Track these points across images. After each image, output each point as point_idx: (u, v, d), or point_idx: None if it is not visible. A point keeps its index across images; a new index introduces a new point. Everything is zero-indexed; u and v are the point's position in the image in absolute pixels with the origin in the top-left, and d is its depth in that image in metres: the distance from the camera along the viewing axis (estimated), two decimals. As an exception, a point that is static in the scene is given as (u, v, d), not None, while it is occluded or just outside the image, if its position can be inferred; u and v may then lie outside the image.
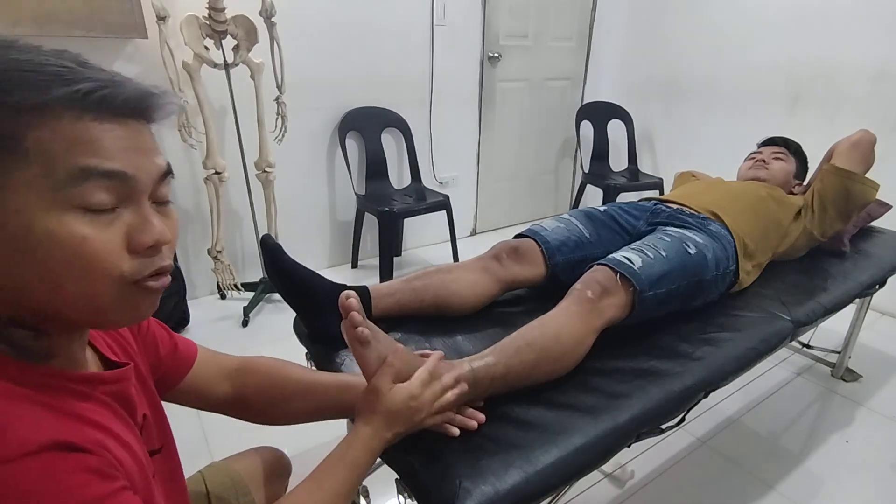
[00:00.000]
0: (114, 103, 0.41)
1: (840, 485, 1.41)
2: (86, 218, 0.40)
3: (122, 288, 0.42)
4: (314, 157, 2.48)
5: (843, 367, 1.87)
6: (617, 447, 0.84)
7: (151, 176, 0.44)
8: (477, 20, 2.77)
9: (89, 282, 0.41)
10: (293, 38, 2.14)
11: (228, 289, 2.15)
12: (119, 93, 0.41)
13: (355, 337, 0.70)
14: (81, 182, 0.39)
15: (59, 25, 1.61)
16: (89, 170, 0.39)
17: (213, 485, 0.76)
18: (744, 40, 2.67)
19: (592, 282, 1.02)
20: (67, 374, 0.44)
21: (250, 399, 0.74)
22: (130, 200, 0.42)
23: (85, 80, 0.39)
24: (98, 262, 0.40)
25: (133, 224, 0.42)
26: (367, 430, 0.68)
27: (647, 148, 3.28)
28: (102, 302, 0.42)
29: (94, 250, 0.40)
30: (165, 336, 0.68)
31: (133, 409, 0.52)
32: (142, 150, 0.43)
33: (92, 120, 0.40)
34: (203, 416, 1.56)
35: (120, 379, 0.50)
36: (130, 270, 0.42)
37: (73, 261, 0.39)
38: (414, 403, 0.71)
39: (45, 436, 0.37)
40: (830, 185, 1.47)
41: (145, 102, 0.44)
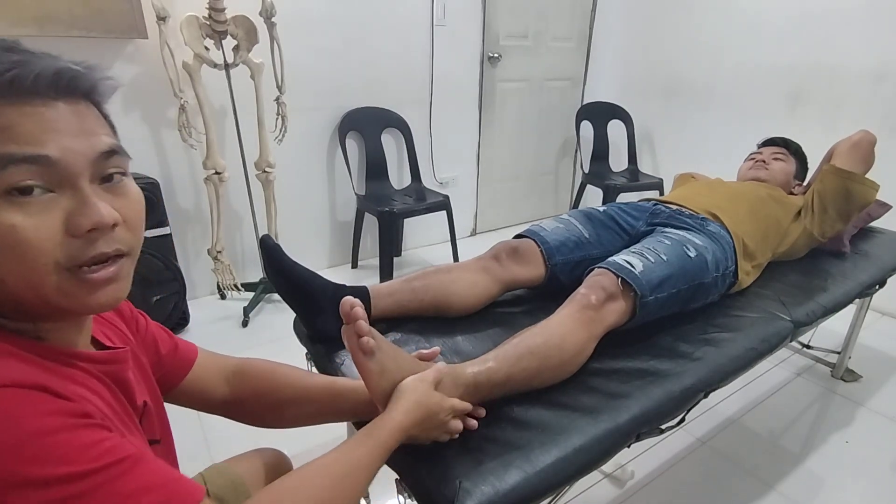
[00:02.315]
0: (24, 84, 0.39)
1: (840, 485, 1.41)
2: (14, 206, 0.39)
3: (60, 275, 0.41)
4: (314, 157, 2.48)
5: (843, 367, 1.87)
6: (617, 447, 0.84)
7: (86, 156, 0.42)
8: (477, 20, 2.77)
9: (28, 272, 0.40)
10: (293, 38, 2.14)
11: (228, 289, 2.15)
12: (28, 72, 0.39)
13: (360, 347, 0.69)
14: (1, 169, 0.38)
15: (59, 26, 1.61)
16: (8, 156, 0.38)
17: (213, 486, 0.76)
18: (744, 40, 2.67)
19: (597, 287, 1.01)
20: (56, 348, 0.45)
21: (246, 402, 0.74)
22: (66, 184, 0.41)
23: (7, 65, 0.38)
24: (31, 249, 0.39)
25: (71, 208, 0.41)
26: (402, 417, 0.67)
27: (647, 148, 3.28)
28: (44, 291, 0.41)
29: (25, 238, 0.39)
30: (165, 337, 0.68)
31: (131, 394, 0.52)
32: (72, 131, 0.41)
33: (5, 104, 0.39)
34: (203, 417, 1.56)
35: (113, 360, 0.50)
36: (67, 257, 0.41)
37: (6, 250, 0.39)
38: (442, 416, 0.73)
39: (23, 377, 0.38)
40: (830, 186, 1.47)
41: (64, 79, 0.41)
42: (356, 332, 0.68)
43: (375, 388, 0.71)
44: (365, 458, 0.61)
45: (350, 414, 0.82)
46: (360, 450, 0.62)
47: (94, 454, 0.38)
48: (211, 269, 2.15)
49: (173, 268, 1.98)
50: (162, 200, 1.92)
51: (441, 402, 0.73)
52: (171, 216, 2.07)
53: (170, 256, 1.97)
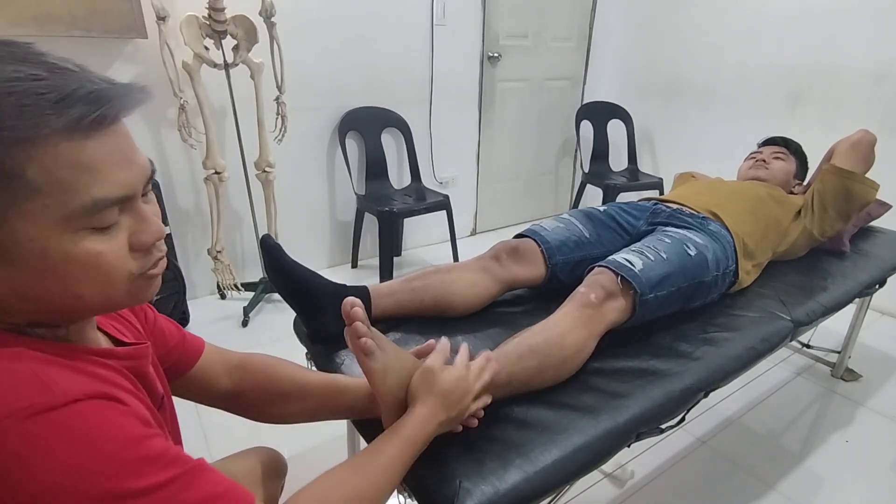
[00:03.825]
0: (105, 122, 0.41)
1: (840, 485, 1.41)
2: (97, 235, 0.42)
3: (132, 282, 0.45)
4: (314, 157, 2.48)
5: (843, 366, 1.87)
6: (617, 447, 0.84)
7: (142, 181, 0.45)
8: (477, 20, 2.77)
9: (106, 287, 0.44)
10: (293, 38, 2.14)
11: (228, 289, 2.15)
12: (109, 113, 0.41)
13: (360, 348, 0.69)
14: (95, 213, 0.41)
15: (59, 25, 1.61)
16: (102, 202, 0.41)
17: None
18: (744, 40, 2.67)
19: (596, 285, 1.01)
20: (90, 348, 0.48)
21: (247, 396, 0.75)
22: (128, 207, 0.44)
23: (76, 101, 0.39)
24: (112, 270, 0.43)
25: (133, 227, 0.45)
26: (423, 410, 0.69)
27: (647, 148, 3.28)
28: (116, 298, 0.45)
29: (108, 262, 0.43)
30: (174, 329, 0.69)
31: (153, 388, 0.54)
32: (128, 157, 0.43)
33: (85, 139, 0.40)
34: (203, 417, 1.56)
35: (135, 355, 0.52)
36: (138, 268, 0.46)
37: (91, 274, 0.42)
38: (464, 384, 0.73)
39: (87, 388, 0.40)
40: (830, 185, 1.47)
41: (131, 104, 0.43)
42: (356, 332, 0.68)
43: (380, 386, 0.71)
44: (395, 455, 0.64)
45: (349, 411, 0.82)
46: (388, 447, 0.64)
47: (164, 464, 0.41)
48: (211, 269, 2.15)
49: (173, 268, 1.98)
50: (162, 200, 1.92)
51: (455, 377, 0.73)
52: (171, 216, 2.07)
53: (170, 256, 1.97)
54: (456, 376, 0.73)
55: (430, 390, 0.71)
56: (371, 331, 0.70)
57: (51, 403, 0.37)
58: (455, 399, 0.72)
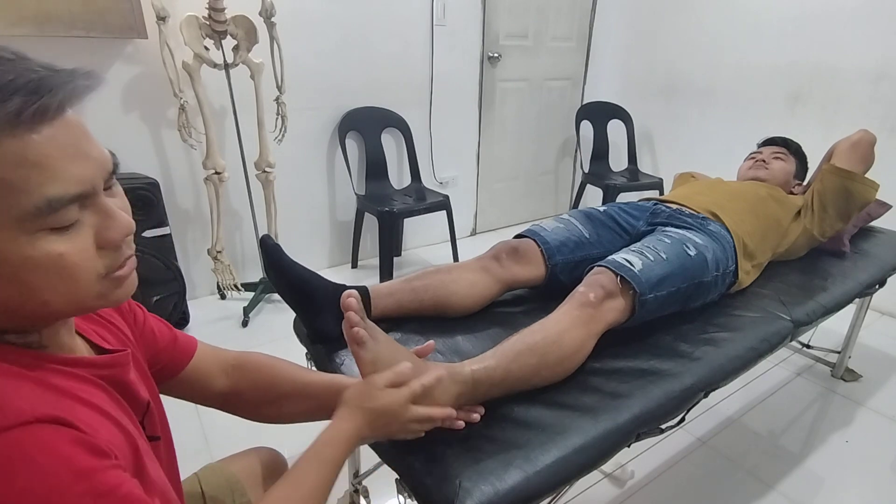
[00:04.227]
0: (48, 112, 0.38)
1: (840, 485, 1.41)
2: (56, 236, 0.39)
3: (100, 283, 0.43)
4: (314, 157, 2.48)
5: (843, 367, 1.87)
6: (617, 447, 0.84)
7: (102, 175, 0.42)
8: (477, 20, 2.77)
9: (73, 289, 0.41)
10: (293, 38, 2.14)
11: (228, 289, 2.15)
12: (52, 102, 0.38)
13: (351, 337, 0.71)
14: (50, 213, 0.38)
15: (59, 26, 1.61)
16: (56, 200, 0.38)
17: (208, 486, 0.76)
18: (744, 40, 2.67)
19: (595, 285, 1.01)
20: (61, 357, 0.45)
21: (244, 395, 0.74)
22: (90, 203, 0.42)
23: (12, 93, 0.36)
24: (78, 271, 0.41)
25: (98, 224, 0.42)
26: (348, 426, 0.66)
27: (647, 148, 3.28)
28: (85, 300, 0.43)
29: (72, 263, 0.40)
30: (164, 329, 0.68)
31: (133, 395, 0.52)
32: (82, 150, 0.40)
33: (29, 133, 0.37)
34: (203, 416, 1.56)
35: (113, 364, 0.50)
36: (106, 267, 0.43)
37: (55, 277, 0.40)
38: (400, 412, 0.69)
39: (40, 410, 0.38)
40: (830, 185, 1.47)
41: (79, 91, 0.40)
42: (348, 322, 0.70)
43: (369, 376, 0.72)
44: (319, 479, 0.62)
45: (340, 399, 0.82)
46: (311, 472, 0.62)
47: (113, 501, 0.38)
48: (211, 269, 2.15)
49: (173, 268, 1.98)
50: (162, 200, 1.92)
51: (391, 401, 0.69)
52: (171, 216, 2.07)
53: (170, 256, 1.97)
54: (393, 401, 0.68)
55: (361, 404, 0.67)
56: (365, 321, 0.72)
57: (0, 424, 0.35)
58: (383, 421, 0.68)
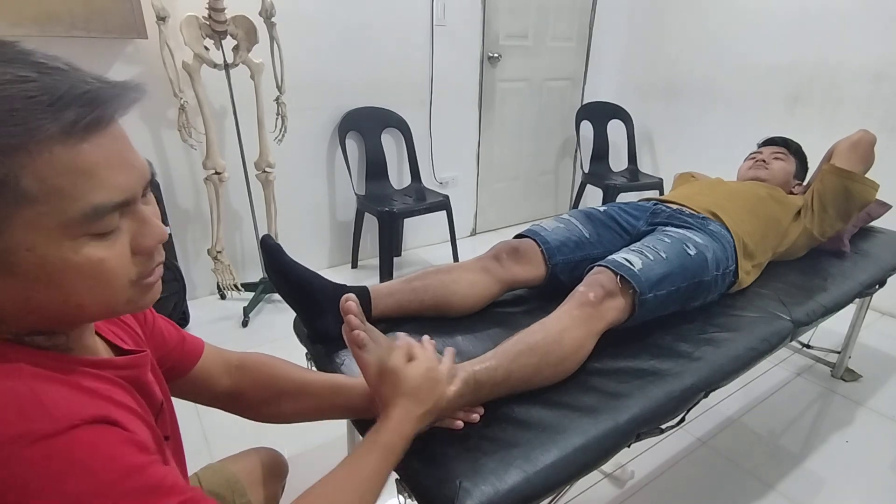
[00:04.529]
0: (101, 123, 0.39)
1: (840, 485, 1.41)
2: (98, 242, 0.41)
3: (132, 288, 0.45)
4: (314, 157, 2.48)
5: (843, 367, 1.87)
6: (617, 447, 0.84)
7: (142, 184, 0.44)
8: (477, 20, 2.77)
9: (107, 294, 0.43)
10: (293, 38, 2.14)
11: (228, 289, 2.15)
12: (105, 114, 0.39)
13: (353, 340, 0.70)
14: (95, 220, 0.40)
15: (59, 26, 1.61)
16: (102, 207, 0.40)
17: (208, 486, 0.76)
18: (744, 40, 2.67)
19: (595, 284, 1.01)
20: (87, 359, 0.47)
21: (246, 395, 0.75)
22: (128, 210, 0.43)
23: (69, 103, 0.37)
24: (114, 277, 0.42)
25: (134, 231, 0.44)
26: (398, 412, 0.67)
27: (647, 148, 3.28)
28: (116, 305, 0.45)
29: (110, 268, 0.42)
30: (172, 330, 0.69)
31: (151, 395, 0.53)
32: (127, 159, 0.42)
33: (81, 143, 0.38)
34: (203, 416, 1.56)
35: (134, 364, 0.52)
36: (138, 273, 0.45)
37: (93, 282, 0.41)
38: (433, 374, 0.71)
39: (86, 411, 0.39)
40: (830, 186, 1.47)
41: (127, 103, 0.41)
42: (349, 325, 0.70)
43: (371, 379, 0.72)
44: (376, 466, 0.63)
45: (348, 411, 0.82)
46: (368, 459, 0.63)
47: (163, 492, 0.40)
48: (211, 269, 2.15)
49: (173, 268, 1.98)
50: (162, 200, 1.92)
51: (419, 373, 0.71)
52: (171, 216, 2.07)
53: (170, 256, 1.97)
54: (422, 369, 0.71)
55: (396, 391, 0.69)
56: (365, 324, 0.72)
57: (51, 430, 0.36)
58: (426, 392, 0.70)
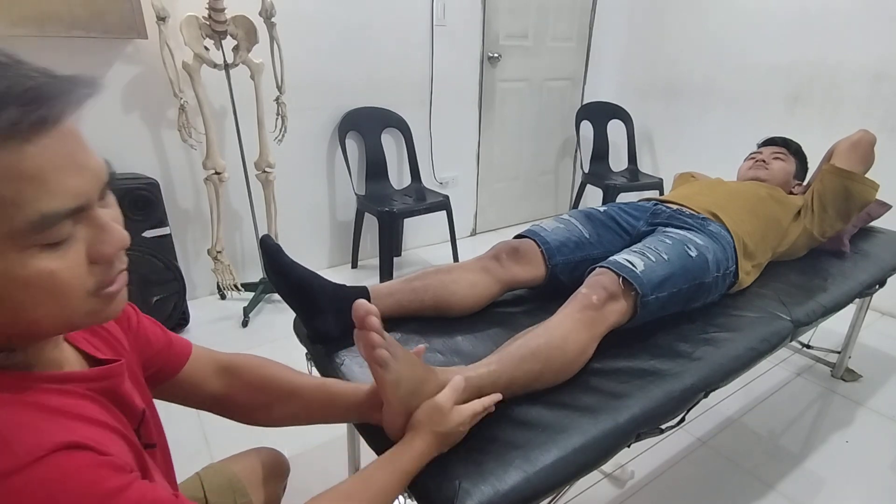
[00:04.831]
0: (46, 123, 0.35)
1: (840, 485, 1.41)
2: (48, 252, 0.37)
3: (91, 299, 0.41)
4: (314, 157, 2.48)
5: (843, 367, 1.87)
6: (617, 447, 0.84)
7: (97, 187, 0.40)
8: (477, 20, 2.77)
9: (63, 308, 0.39)
10: (293, 38, 2.14)
11: (228, 289, 2.15)
12: (51, 113, 0.35)
13: (375, 359, 0.67)
14: (44, 229, 0.36)
15: (59, 26, 1.61)
16: (51, 216, 0.36)
17: (210, 486, 0.76)
18: (744, 40, 2.67)
19: (598, 286, 1.01)
20: (51, 375, 0.43)
21: (236, 399, 0.73)
22: (83, 216, 0.39)
23: (9, 102, 0.33)
24: (69, 289, 0.39)
25: (91, 238, 0.40)
26: (422, 445, 0.69)
27: (647, 148, 3.28)
28: (74, 319, 0.41)
29: (62, 280, 0.38)
30: (159, 332, 0.66)
31: (129, 405, 0.51)
32: (79, 161, 0.38)
33: (24, 144, 0.34)
34: (203, 417, 1.56)
35: (107, 375, 0.49)
36: (97, 283, 0.41)
37: (46, 296, 0.38)
38: (462, 428, 0.74)
39: (50, 439, 0.36)
40: (830, 186, 1.47)
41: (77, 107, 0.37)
42: (371, 342, 0.66)
43: (392, 396, 0.71)
44: (388, 485, 0.63)
45: (342, 418, 0.81)
46: (384, 477, 0.64)
47: None
48: (211, 269, 2.15)
49: (173, 268, 1.98)
50: (162, 200, 1.92)
51: (459, 421, 0.73)
52: (171, 216, 2.07)
53: (170, 256, 1.97)
54: (460, 421, 0.73)
55: (433, 428, 0.71)
56: (386, 340, 0.68)
57: (13, 465, 0.34)
58: (451, 441, 0.74)
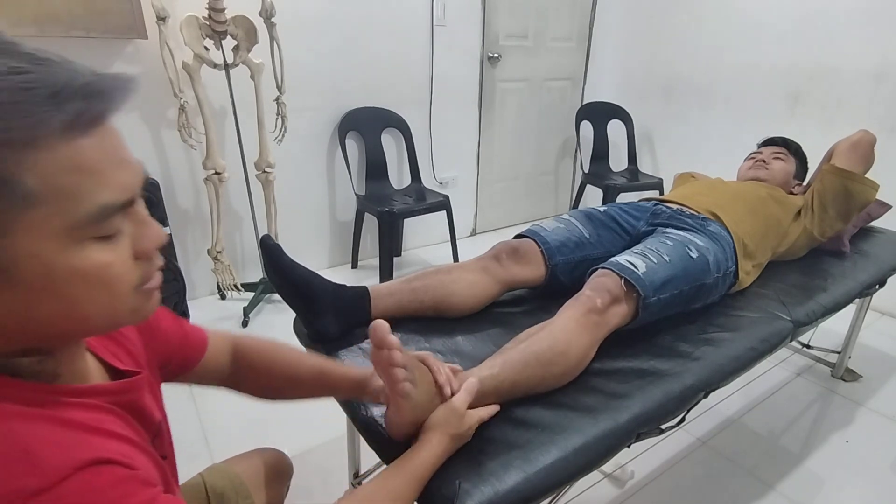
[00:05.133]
0: (101, 118, 0.37)
1: (840, 485, 1.41)
2: (102, 245, 0.38)
3: (135, 295, 0.42)
4: (314, 157, 2.48)
5: (843, 367, 1.87)
6: (617, 447, 0.84)
7: (139, 183, 0.41)
8: (477, 20, 2.77)
9: (113, 302, 0.40)
10: (293, 38, 2.14)
11: (228, 289, 2.15)
12: (107, 107, 0.37)
13: (398, 391, 0.68)
14: (101, 221, 0.37)
15: (59, 26, 1.61)
16: (108, 208, 0.37)
17: (213, 487, 0.76)
18: (744, 40, 2.67)
19: (603, 290, 1.00)
20: (75, 388, 0.43)
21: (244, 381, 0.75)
22: (129, 212, 0.41)
23: (71, 96, 0.35)
24: (120, 282, 0.40)
25: (135, 233, 0.41)
26: (439, 448, 0.71)
27: (647, 148, 3.28)
28: (120, 315, 0.42)
29: (116, 273, 0.39)
30: (174, 325, 0.66)
31: (148, 417, 0.51)
32: (123, 156, 0.39)
33: (83, 138, 0.36)
34: (203, 417, 1.56)
35: (130, 389, 0.49)
36: (140, 278, 0.42)
37: (100, 290, 0.39)
38: (472, 431, 0.77)
39: (78, 455, 0.36)
40: (830, 186, 1.47)
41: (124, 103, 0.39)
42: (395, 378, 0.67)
43: (405, 419, 0.72)
44: (405, 492, 0.65)
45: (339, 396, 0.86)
46: (400, 483, 0.65)
47: None
48: (211, 269, 2.15)
49: (173, 268, 1.98)
50: (162, 200, 1.92)
51: (470, 424, 0.75)
52: (171, 216, 2.07)
53: (170, 256, 1.98)
54: (472, 423, 0.76)
55: (448, 430, 0.72)
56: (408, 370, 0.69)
57: (43, 484, 0.34)
58: (461, 443, 0.76)
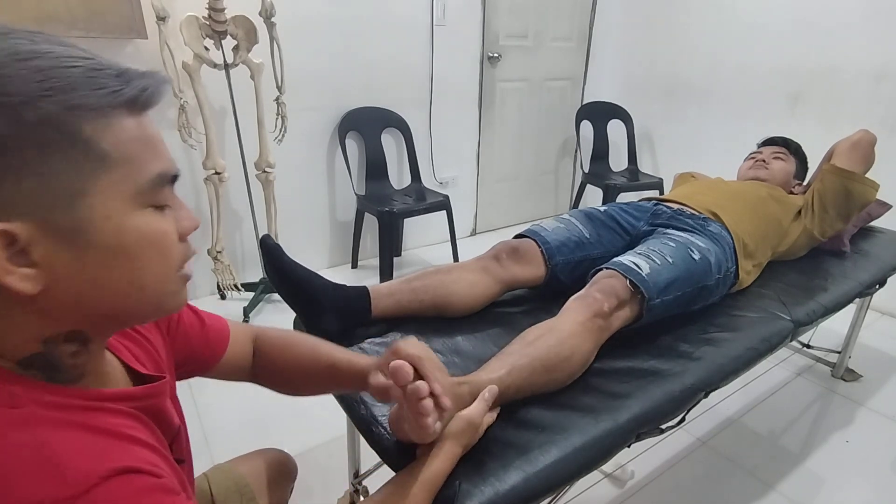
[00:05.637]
0: (156, 98, 0.41)
1: (840, 485, 1.41)
2: (159, 214, 0.41)
3: (177, 277, 0.44)
4: (314, 157, 2.48)
5: (843, 367, 1.87)
6: (617, 447, 0.84)
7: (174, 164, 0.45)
8: (477, 20, 2.77)
9: (164, 274, 0.42)
10: (293, 38, 2.14)
11: (228, 289, 2.15)
12: (158, 91, 0.41)
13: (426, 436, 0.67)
14: (159, 188, 0.40)
15: (59, 26, 1.61)
16: (164, 175, 0.41)
17: (216, 487, 0.76)
18: (744, 40, 2.67)
19: (611, 294, 1.00)
20: (101, 392, 0.43)
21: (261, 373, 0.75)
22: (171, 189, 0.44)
23: (133, 76, 0.39)
24: (174, 252, 0.42)
25: (175, 213, 0.43)
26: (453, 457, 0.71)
27: (647, 148, 3.28)
28: (165, 293, 0.43)
29: (171, 242, 0.42)
30: (195, 322, 0.66)
31: (168, 422, 0.51)
32: (160, 139, 0.43)
33: (140, 116, 0.40)
34: (204, 418, 1.56)
35: (153, 394, 0.49)
36: (181, 258, 0.44)
37: (157, 255, 0.41)
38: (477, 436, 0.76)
39: (104, 464, 0.36)
40: (830, 185, 1.47)
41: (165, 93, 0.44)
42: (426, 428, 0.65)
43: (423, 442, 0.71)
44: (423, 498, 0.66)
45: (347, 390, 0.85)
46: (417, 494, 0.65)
47: None
48: (211, 269, 2.15)
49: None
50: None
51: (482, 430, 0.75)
52: (171, 216, 2.07)
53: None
54: (482, 432, 0.76)
55: (462, 441, 0.72)
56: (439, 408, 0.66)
57: (70, 494, 0.34)
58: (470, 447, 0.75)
